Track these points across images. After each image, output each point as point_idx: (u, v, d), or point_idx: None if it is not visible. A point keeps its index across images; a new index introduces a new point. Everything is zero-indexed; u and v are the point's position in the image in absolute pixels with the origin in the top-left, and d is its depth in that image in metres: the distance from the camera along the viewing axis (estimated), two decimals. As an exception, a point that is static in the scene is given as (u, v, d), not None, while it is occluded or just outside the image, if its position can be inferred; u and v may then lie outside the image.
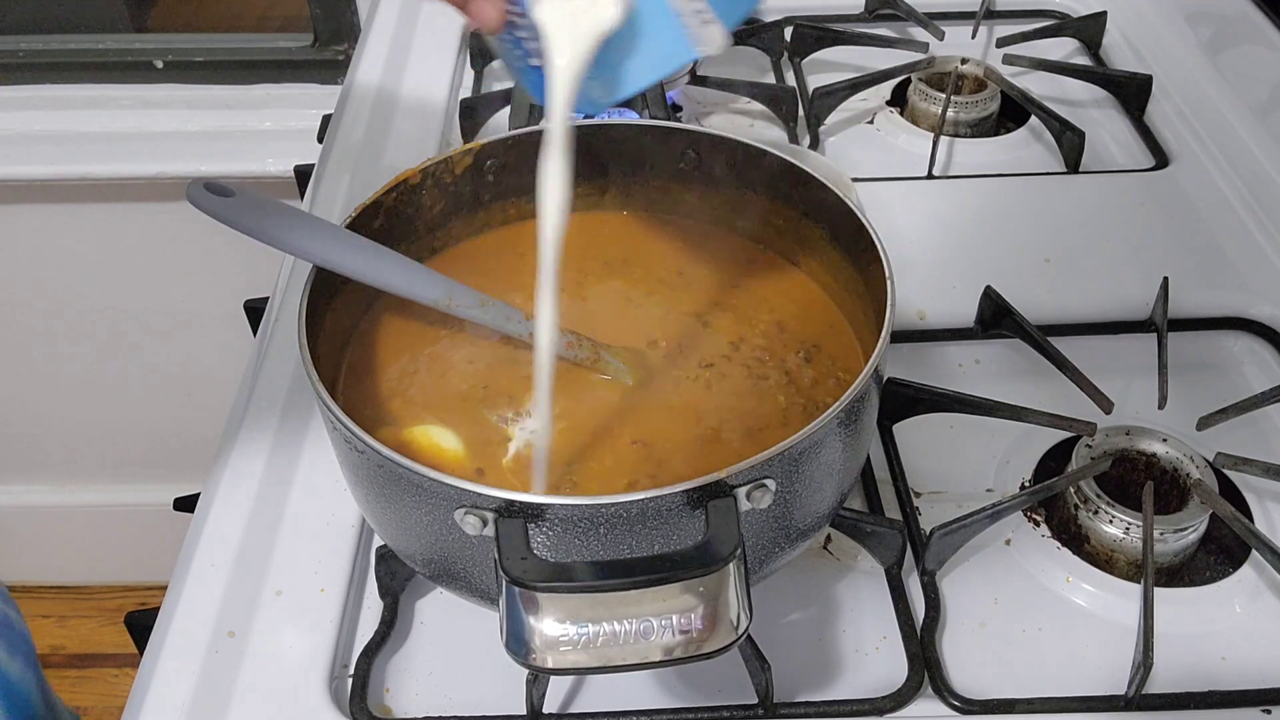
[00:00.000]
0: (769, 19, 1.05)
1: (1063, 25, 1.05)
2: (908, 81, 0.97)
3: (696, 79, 0.94)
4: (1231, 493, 0.66)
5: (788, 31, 1.03)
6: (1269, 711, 0.56)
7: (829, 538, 0.64)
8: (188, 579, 0.62)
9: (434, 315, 0.61)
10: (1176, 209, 0.85)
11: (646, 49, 0.50)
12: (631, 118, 0.75)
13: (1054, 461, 0.67)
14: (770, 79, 1.00)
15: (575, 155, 0.50)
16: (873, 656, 0.59)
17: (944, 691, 0.56)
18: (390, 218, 0.63)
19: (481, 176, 0.66)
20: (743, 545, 0.46)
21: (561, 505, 0.47)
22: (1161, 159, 0.90)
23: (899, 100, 0.99)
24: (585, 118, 0.83)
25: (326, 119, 0.99)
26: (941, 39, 1.00)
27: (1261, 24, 0.98)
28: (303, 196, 0.91)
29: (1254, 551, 0.61)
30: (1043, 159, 0.92)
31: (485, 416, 0.58)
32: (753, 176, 0.65)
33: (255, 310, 0.84)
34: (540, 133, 0.50)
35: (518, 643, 0.45)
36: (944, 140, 0.92)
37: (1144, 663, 0.55)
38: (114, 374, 1.55)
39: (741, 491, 0.47)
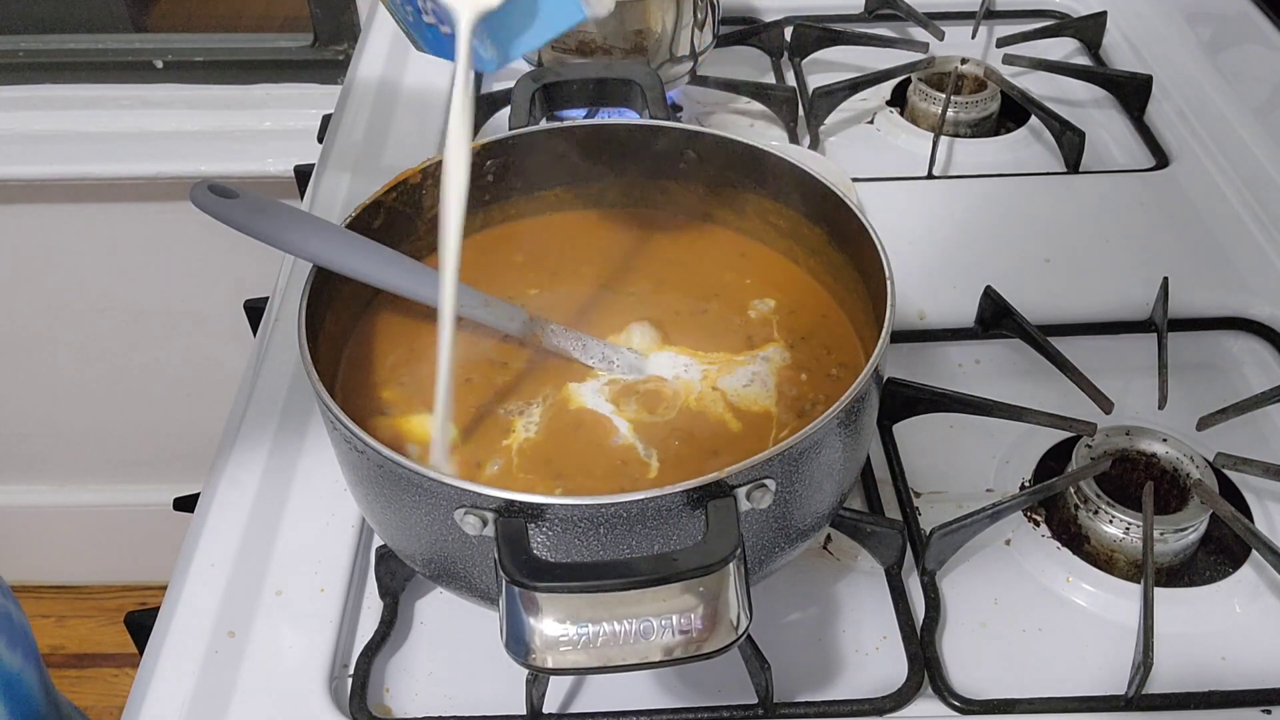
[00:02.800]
0: (769, 19, 1.05)
1: (1063, 25, 1.05)
2: (908, 81, 0.97)
3: (696, 79, 0.94)
4: (1231, 493, 0.66)
5: (788, 31, 1.03)
6: (1269, 711, 0.56)
7: (829, 538, 0.64)
8: (188, 579, 0.62)
9: (433, 313, 0.61)
10: (1176, 209, 0.85)
11: (539, 10, 0.51)
12: (632, 117, 0.74)
13: (1054, 461, 0.67)
14: (770, 79, 1.00)
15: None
16: (873, 656, 0.59)
17: (944, 691, 0.56)
18: (390, 217, 0.63)
19: (481, 176, 0.66)
20: (743, 545, 0.45)
21: (562, 505, 0.47)
22: (1161, 159, 0.90)
23: (899, 100, 0.99)
24: (587, 116, 0.83)
25: (326, 119, 0.99)
26: (941, 39, 1.00)
27: (1261, 24, 0.98)
28: (303, 196, 0.91)
29: (1254, 551, 0.61)
30: (1043, 159, 0.92)
31: (482, 408, 0.58)
32: (753, 176, 0.65)
33: (255, 310, 0.84)
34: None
35: (518, 643, 0.45)
36: (944, 140, 0.92)
37: (1144, 663, 0.55)
38: (115, 374, 1.55)
39: (741, 491, 0.47)
